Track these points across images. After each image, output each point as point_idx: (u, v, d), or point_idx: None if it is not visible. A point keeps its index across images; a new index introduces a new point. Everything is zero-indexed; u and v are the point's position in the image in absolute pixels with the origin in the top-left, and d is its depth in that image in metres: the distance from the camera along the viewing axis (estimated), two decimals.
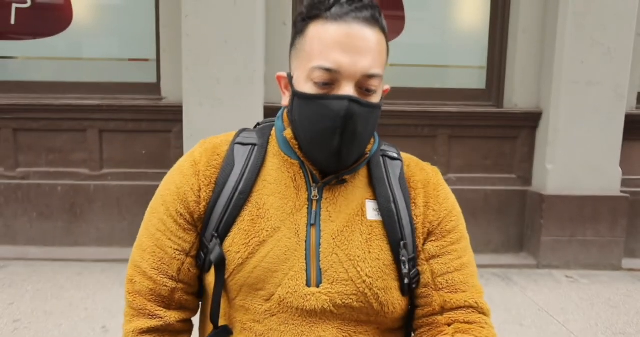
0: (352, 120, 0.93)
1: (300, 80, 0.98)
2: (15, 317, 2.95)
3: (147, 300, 1.04)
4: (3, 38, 4.42)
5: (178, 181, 1.07)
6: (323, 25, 0.94)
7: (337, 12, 0.93)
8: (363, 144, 1.01)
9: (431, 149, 4.40)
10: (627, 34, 4.02)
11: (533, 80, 4.35)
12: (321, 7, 0.95)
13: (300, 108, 0.98)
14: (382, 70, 0.97)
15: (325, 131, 0.95)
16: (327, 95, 0.94)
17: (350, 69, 0.92)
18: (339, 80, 0.93)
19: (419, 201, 1.08)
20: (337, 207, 1.03)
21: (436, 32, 4.61)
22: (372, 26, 0.94)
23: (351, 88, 0.93)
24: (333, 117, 0.93)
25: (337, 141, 0.94)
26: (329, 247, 1.00)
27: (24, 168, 4.32)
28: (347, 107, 0.92)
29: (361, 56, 0.92)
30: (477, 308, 1.04)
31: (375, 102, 0.98)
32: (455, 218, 1.10)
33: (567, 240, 4.14)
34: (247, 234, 1.00)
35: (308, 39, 0.97)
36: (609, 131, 4.11)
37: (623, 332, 3.00)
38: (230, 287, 1.01)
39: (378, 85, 0.97)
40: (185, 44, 3.86)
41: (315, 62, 0.94)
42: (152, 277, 1.03)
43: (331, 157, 0.97)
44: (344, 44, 0.92)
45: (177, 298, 1.05)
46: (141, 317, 1.03)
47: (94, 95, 4.33)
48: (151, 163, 4.33)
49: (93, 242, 4.32)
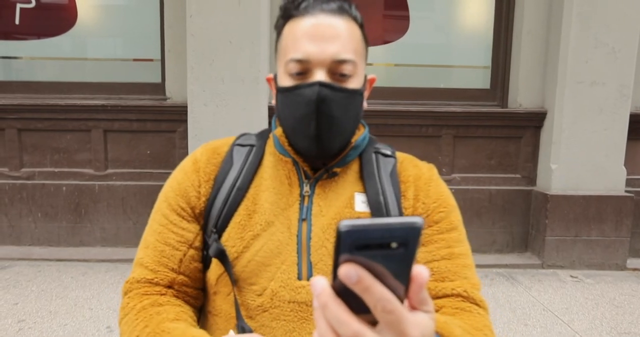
0: (325, 104, 0.96)
1: (281, 76, 1.03)
2: (20, 317, 2.96)
3: (145, 287, 1.04)
4: (8, 38, 4.44)
5: (180, 178, 1.10)
6: (295, 22, 0.99)
7: (305, 7, 0.98)
8: (344, 131, 1.03)
9: (435, 148, 4.39)
10: (631, 33, 4.01)
11: (537, 80, 4.34)
12: (292, 7, 1.00)
13: (281, 101, 1.03)
14: (354, 55, 0.99)
15: (302, 118, 0.98)
16: (300, 84, 0.98)
17: (319, 56, 0.96)
18: (310, 68, 0.97)
19: (409, 194, 1.08)
20: (328, 202, 1.05)
21: (440, 32, 4.60)
22: (340, 16, 0.98)
23: (323, 74, 0.97)
24: (306, 103, 0.97)
25: (314, 126, 0.98)
26: (318, 240, 1.01)
27: (28, 168, 4.33)
28: (318, 91, 0.95)
29: (329, 43, 0.96)
30: (467, 297, 0.99)
31: (351, 87, 1.00)
32: (446, 210, 1.08)
33: (571, 240, 4.13)
34: (242, 229, 1.02)
35: (283, 37, 1.03)
36: (614, 131, 4.10)
37: (628, 332, 2.99)
38: (226, 282, 1.03)
39: (352, 70, 0.99)
40: (190, 44, 3.87)
41: (288, 56, 0.99)
42: (153, 268, 1.03)
43: (312, 144, 1.00)
44: (312, 34, 0.96)
45: (176, 289, 1.05)
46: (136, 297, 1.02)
47: (99, 96, 4.34)
48: (156, 163, 4.34)
49: (98, 242, 4.33)
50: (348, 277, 0.42)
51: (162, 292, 1.03)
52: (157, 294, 1.02)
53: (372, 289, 0.43)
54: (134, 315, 0.97)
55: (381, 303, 0.43)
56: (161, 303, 1.00)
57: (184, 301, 1.06)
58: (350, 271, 0.42)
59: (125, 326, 0.98)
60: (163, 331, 0.91)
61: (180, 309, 1.01)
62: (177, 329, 0.92)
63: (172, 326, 0.93)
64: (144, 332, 0.93)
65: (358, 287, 0.43)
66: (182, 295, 1.06)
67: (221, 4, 3.80)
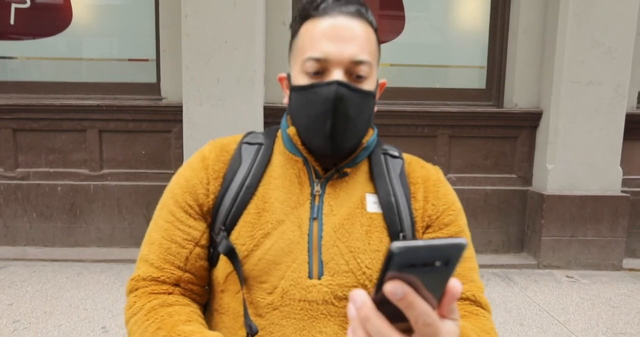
0: (342, 103, 0.97)
1: (296, 75, 1.04)
2: (14, 318, 2.95)
3: (152, 285, 1.03)
4: (2, 38, 4.42)
5: (187, 175, 1.10)
6: (312, 22, 1.01)
7: (324, 9, 1.00)
8: (358, 131, 1.04)
9: (431, 148, 4.39)
10: (627, 33, 4.01)
11: (533, 80, 4.34)
12: (310, 7, 1.02)
13: (296, 99, 1.04)
14: (370, 57, 1.01)
15: (318, 116, 0.99)
16: (317, 83, 0.99)
17: (338, 56, 0.97)
18: (328, 68, 0.98)
19: (419, 195, 1.10)
20: (339, 201, 1.06)
21: (436, 32, 4.60)
22: (357, 19, 1.00)
23: (340, 74, 0.98)
24: (323, 101, 0.97)
25: (329, 124, 0.98)
26: (330, 239, 1.02)
27: (23, 168, 4.32)
28: (336, 90, 0.96)
29: (347, 44, 0.98)
30: (474, 301, 1.03)
31: (366, 88, 1.01)
32: (454, 213, 1.10)
33: (567, 240, 4.13)
34: (252, 227, 1.02)
35: (300, 36, 1.03)
36: (610, 131, 4.11)
37: (624, 333, 2.99)
38: (235, 280, 1.02)
39: (368, 71, 1.01)
40: (185, 44, 3.86)
41: (306, 54, 1.00)
42: (159, 266, 1.03)
43: (326, 142, 1.01)
44: (331, 34, 0.98)
45: (182, 287, 1.05)
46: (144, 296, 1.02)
47: (94, 96, 4.33)
48: (151, 163, 4.33)
49: (93, 242, 4.32)
50: (394, 293, 0.45)
51: (169, 290, 1.03)
52: (165, 293, 1.02)
53: (414, 304, 0.46)
54: (143, 315, 0.97)
55: (422, 317, 0.46)
56: (170, 303, 1.00)
57: (190, 299, 1.07)
58: (397, 288, 0.45)
59: (134, 326, 0.97)
60: (180, 335, 0.91)
61: (190, 309, 1.01)
62: (194, 333, 0.92)
63: (188, 329, 0.93)
64: (158, 335, 0.93)
65: (402, 303, 0.45)
66: (189, 293, 1.07)
67: (216, 4, 3.80)
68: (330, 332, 0.99)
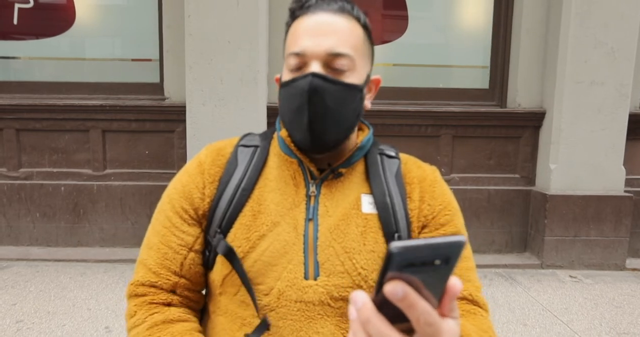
0: (318, 94, 0.98)
1: (284, 73, 1.06)
2: (18, 318, 2.95)
3: (150, 293, 1.05)
4: (6, 38, 4.43)
5: (184, 179, 1.11)
6: (298, 21, 1.03)
7: (308, 7, 1.02)
8: (338, 123, 1.03)
9: (434, 148, 4.39)
10: (630, 33, 4.01)
11: (536, 80, 4.34)
12: (297, 7, 1.04)
13: (281, 96, 1.06)
14: (352, 51, 1.00)
15: (297, 109, 1.00)
16: (296, 77, 1.01)
17: (315, 49, 0.98)
18: (306, 62, 0.99)
19: (415, 195, 1.10)
20: (334, 202, 1.06)
21: (439, 32, 4.60)
22: (341, 14, 1.01)
23: (317, 66, 0.98)
24: (300, 93, 0.98)
25: (307, 116, 0.99)
26: (325, 240, 1.02)
27: (27, 168, 4.32)
28: (310, 81, 0.97)
29: (325, 37, 0.99)
30: (472, 301, 1.04)
31: (347, 81, 1.01)
32: (450, 213, 1.10)
33: (570, 240, 4.13)
34: (248, 229, 1.03)
35: (287, 35, 1.06)
36: (613, 131, 4.10)
37: (627, 332, 2.99)
38: (233, 282, 1.03)
39: (349, 65, 1.00)
40: (188, 44, 3.86)
41: (288, 51, 1.02)
42: (156, 271, 1.05)
43: (306, 135, 1.01)
44: (310, 29, 1.00)
45: (178, 293, 1.07)
46: (144, 307, 1.04)
47: (97, 96, 4.34)
48: (154, 163, 4.33)
49: (96, 242, 4.33)
50: (394, 294, 0.45)
51: (168, 300, 1.05)
52: (163, 305, 1.04)
53: (415, 304, 0.45)
54: (145, 330, 0.99)
55: (424, 316, 0.46)
56: (172, 319, 1.02)
57: (188, 308, 1.08)
58: (397, 288, 0.44)
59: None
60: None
61: (191, 326, 1.03)
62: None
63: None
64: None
65: (403, 304, 0.45)
66: (186, 301, 1.08)
67: (219, 4, 3.80)
68: (327, 332, 0.99)
